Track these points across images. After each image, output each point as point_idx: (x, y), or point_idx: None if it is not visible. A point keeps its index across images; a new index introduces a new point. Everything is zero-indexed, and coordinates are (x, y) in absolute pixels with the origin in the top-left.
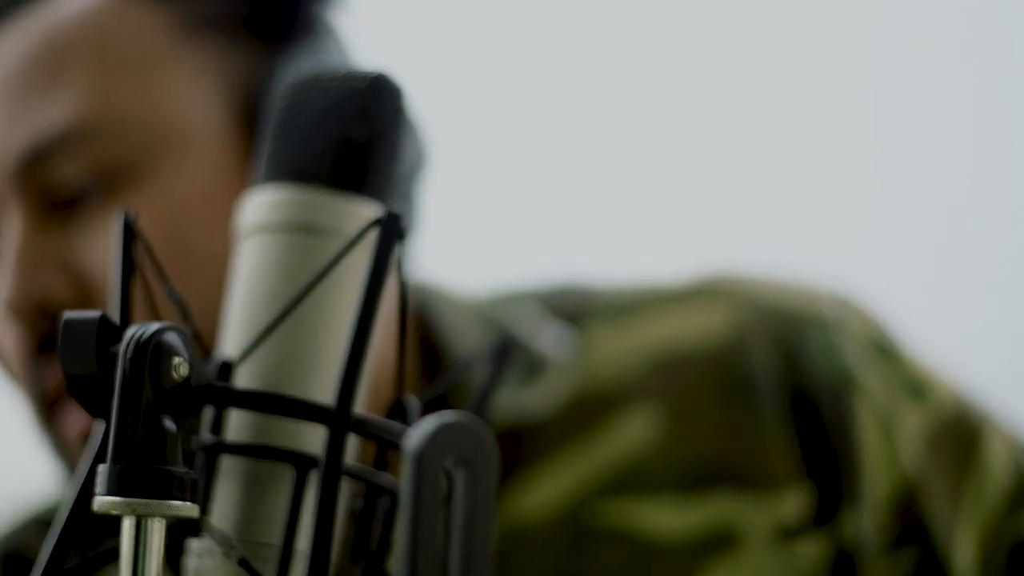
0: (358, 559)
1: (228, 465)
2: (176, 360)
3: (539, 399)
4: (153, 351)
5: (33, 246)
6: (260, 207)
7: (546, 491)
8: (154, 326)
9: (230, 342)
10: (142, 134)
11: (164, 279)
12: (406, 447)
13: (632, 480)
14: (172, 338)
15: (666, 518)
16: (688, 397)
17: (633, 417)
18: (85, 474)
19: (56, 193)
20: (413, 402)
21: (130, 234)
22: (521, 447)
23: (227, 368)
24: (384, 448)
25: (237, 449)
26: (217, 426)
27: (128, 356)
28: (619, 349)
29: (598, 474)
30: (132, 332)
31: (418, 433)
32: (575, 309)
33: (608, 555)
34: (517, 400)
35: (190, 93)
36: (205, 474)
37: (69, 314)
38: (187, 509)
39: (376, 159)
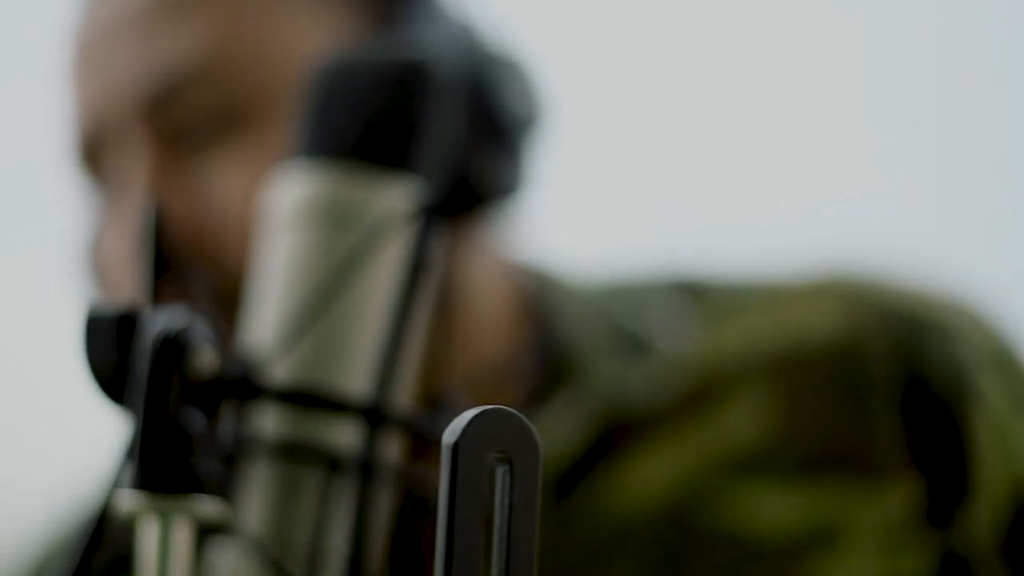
0: (400, 562)
1: (260, 462)
2: (203, 353)
3: (649, 389)
4: (179, 344)
5: (158, 184)
6: (293, 193)
7: (649, 480)
8: (180, 318)
9: (261, 333)
10: (268, 76)
11: (197, 273)
12: (443, 439)
13: (739, 470)
14: (199, 331)
15: (770, 509)
16: (801, 392)
17: (743, 409)
18: (112, 472)
19: (182, 130)
20: (457, 395)
21: (157, 227)
22: (626, 436)
23: (260, 362)
24: (423, 442)
25: (269, 447)
26: (247, 422)
27: (153, 350)
28: (734, 342)
29: (703, 464)
30: (158, 325)
31: (456, 424)
32: (691, 301)
33: (709, 549)
34: (628, 388)
35: (314, 40)
36: (236, 471)
37: (92, 308)
38: (214, 507)
39: (413, 139)
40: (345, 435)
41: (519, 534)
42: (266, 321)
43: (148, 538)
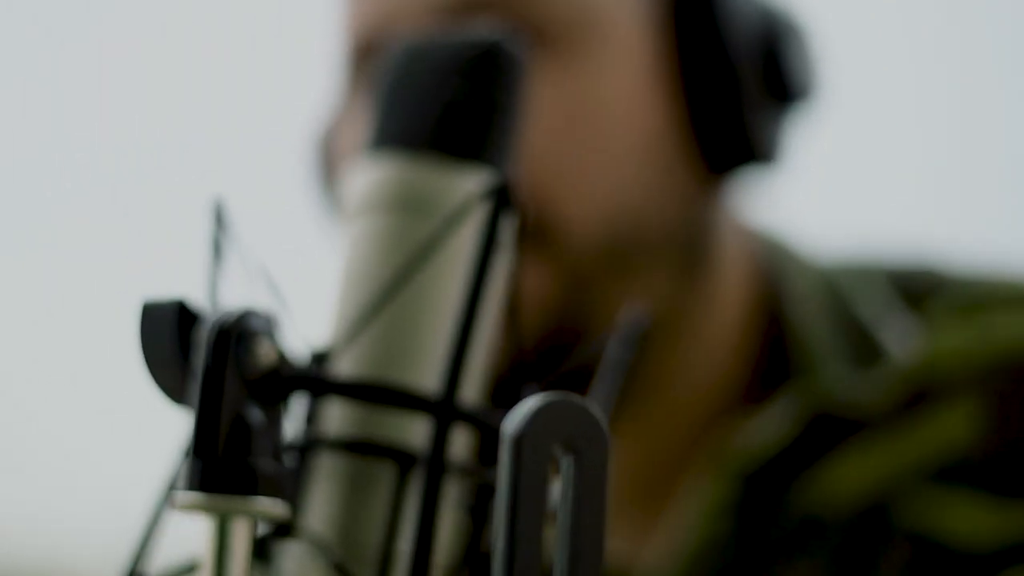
0: (468, 561)
1: (326, 461)
2: (263, 346)
3: (870, 392)
4: (238, 336)
5: None
6: (365, 181)
7: (851, 479)
8: (239, 309)
9: (333, 328)
10: (568, 7)
11: (258, 265)
12: (505, 429)
13: (943, 477)
14: (259, 322)
15: (970, 518)
16: (1014, 403)
17: (956, 416)
18: (171, 472)
19: None
20: (531, 389)
21: (220, 219)
22: (836, 432)
23: (324, 355)
24: (491, 439)
25: (333, 444)
26: (312, 419)
27: (211, 342)
28: (958, 343)
29: (909, 468)
30: (216, 317)
31: (518, 414)
32: (922, 292)
33: (903, 550)
34: (845, 385)
35: None
36: (299, 470)
37: (148, 300)
38: (275, 507)
39: (490, 125)
40: (416, 432)
41: (586, 529)
42: (336, 312)
43: (205, 540)
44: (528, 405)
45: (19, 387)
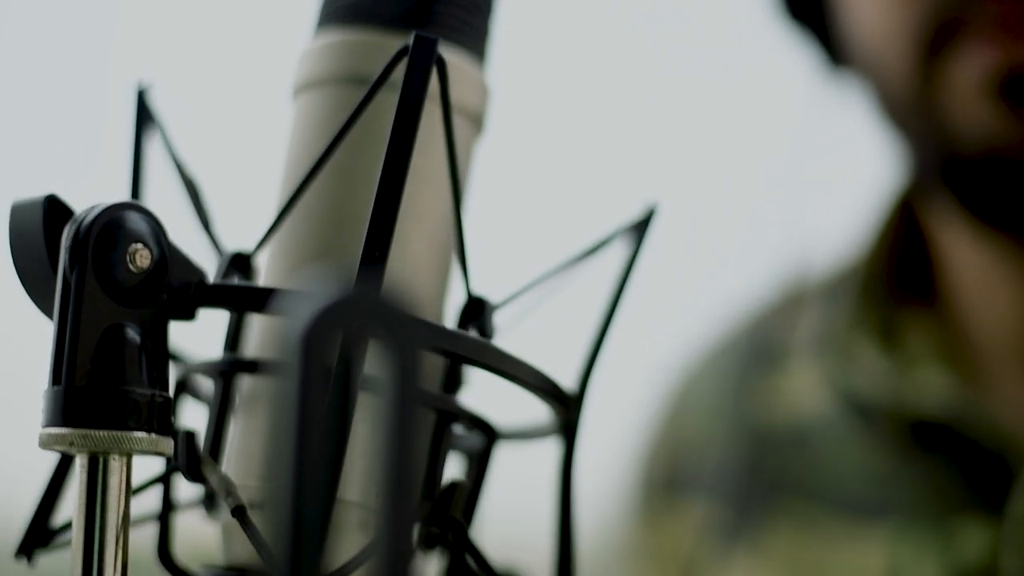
0: (424, 497)
1: (247, 387)
2: (134, 247)
3: None
4: (99, 237)
5: None
6: (305, 58)
7: None
8: (103, 205)
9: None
10: None
11: (174, 155)
12: (286, 326)
13: None
14: (130, 220)
15: None
16: None
17: None
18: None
19: None
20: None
21: (143, 108)
22: None
23: (242, 260)
24: (456, 364)
25: (251, 366)
26: (233, 339)
27: (67, 245)
28: None
29: None
30: (77, 215)
31: (303, 313)
32: None
33: None
34: None
35: None
36: (220, 400)
37: (16, 200)
38: (156, 443)
39: None
40: None
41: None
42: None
43: (79, 479)
44: (313, 304)
45: None
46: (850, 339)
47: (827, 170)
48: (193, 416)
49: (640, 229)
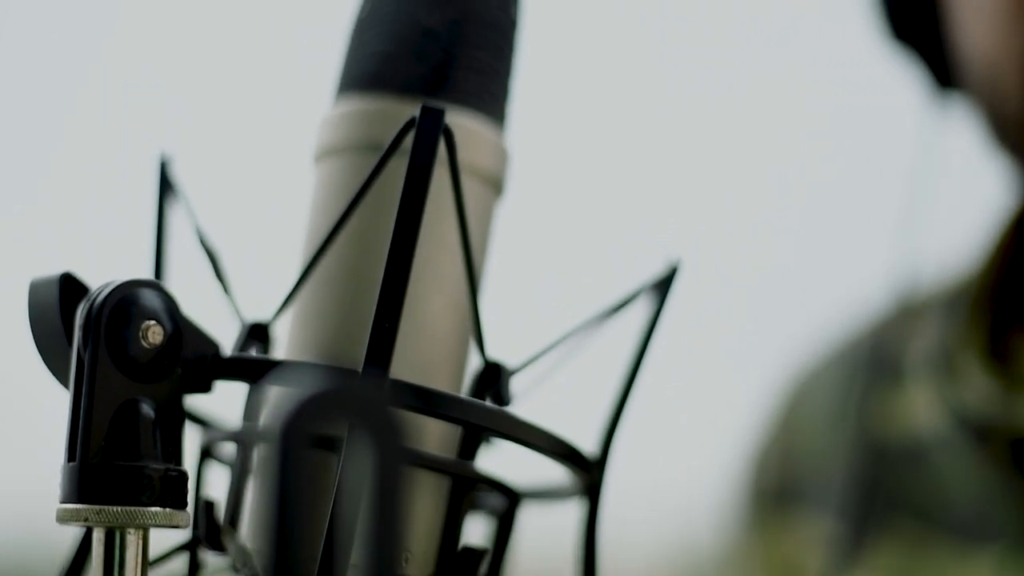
0: (443, 568)
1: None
2: (146, 324)
3: None
4: (111, 315)
5: None
6: (323, 125)
7: None
8: (115, 282)
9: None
10: None
11: (196, 225)
12: (270, 424)
13: None
14: (142, 296)
15: None
16: None
17: None
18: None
19: None
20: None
21: (165, 178)
22: None
23: (260, 329)
24: (474, 434)
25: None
26: (252, 408)
27: (80, 323)
28: None
29: None
30: (90, 293)
31: (285, 407)
32: None
33: None
34: None
35: None
36: (240, 467)
37: (34, 277)
38: (170, 516)
39: (465, 52)
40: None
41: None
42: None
43: (95, 553)
44: (295, 398)
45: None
46: (958, 358)
47: (940, 189)
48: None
49: (663, 286)
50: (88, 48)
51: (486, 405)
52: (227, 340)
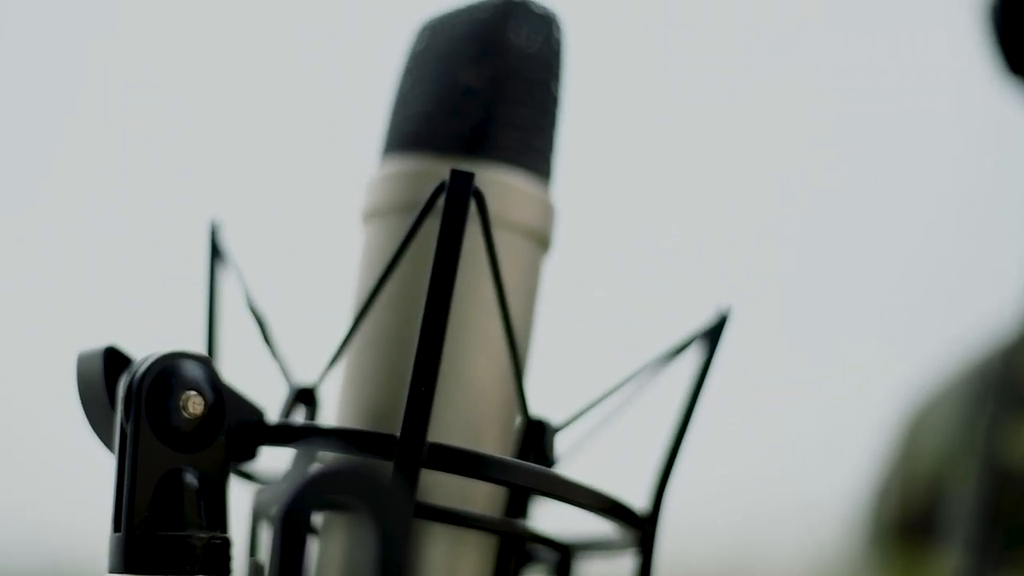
0: None
1: (329, 520)
2: (186, 395)
3: None
4: (151, 387)
5: None
6: (368, 187)
7: None
8: (155, 355)
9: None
10: None
11: (246, 290)
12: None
13: None
14: (182, 368)
15: None
16: None
17: None
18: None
19: None
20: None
21: (216, 245)
22: None
23: (306, 393)
24: (521, 492)
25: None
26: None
27: (122, 396)
28: None
29: None
30: (132, 365)
31: (288, 484)
32: None
33: None
34: None
35: None
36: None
37: (81, 350)
38: None
39: (505, 108)
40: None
41: None
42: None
43: None
44: (296, 481)
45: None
46: None
47: None
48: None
49: (713, 335)
50: (135, 118)
51: (528, 465)
52: (277, 403)
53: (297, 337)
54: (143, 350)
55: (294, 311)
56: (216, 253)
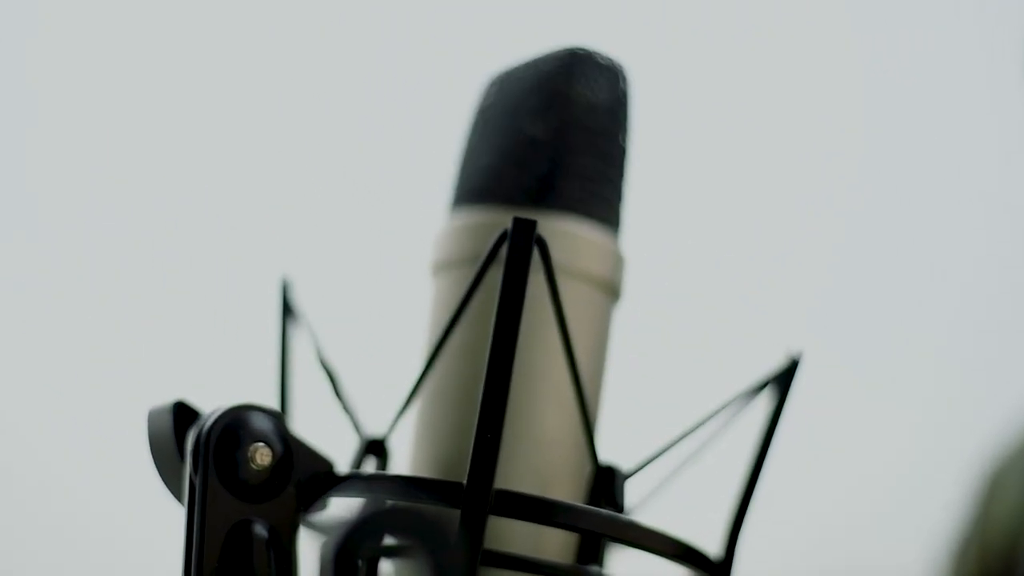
0: None
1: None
2: (254, 447)
3: None
4: (219, 440)
5: None
6: (436, 240)
7: None
8: (222, 408)
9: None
10: None
11: (317, 345)
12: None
13: None
14: (250, 420)
15: None
16: None
17: None
18: None
19: None
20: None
21: (287, 302)
22: None
23: (377, 444)
24: (592, 539)
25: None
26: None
27: (190, 449)
28: None
29: None
30: (200, 419)
31: (340, 525)
32: None
33: None
34: None
35: None
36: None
37: (152, 406)
38: None
39: (570, 159)
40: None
41: None
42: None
43: None
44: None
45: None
46: None
47: None
48: None
49: (784, 380)
50: (207, 171)
51: (599, 511)
52: (347, 455)
53: (368, 390)
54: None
55: (364, 364)
56: (287, 310)
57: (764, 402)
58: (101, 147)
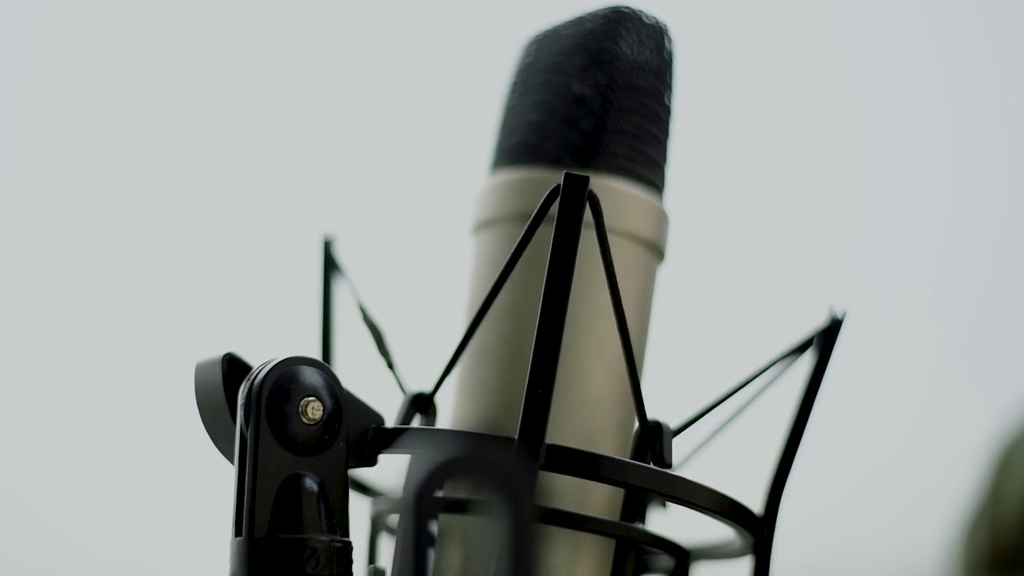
0: None
1: (448, 524)
2: (305, 400)
3: None
4: (271, 394)
5: None
6: (479, 197)
7: None
8: (273, 361)
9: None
10: None
11: (359, 302)
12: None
13: None
14: (301, 374)
15: None
16: None
17: None
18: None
19: None
20: (666, 427)
21: (329, 258)
22: None
23: (422, 400)
24: (636, 496)
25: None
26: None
27: (242, 402)
28: None
29: None
30: (251, 372)
31: (415, 474)
32: None
33: None
34: None
35: None
36: (403, 537)
37: (199, 360)
38: None
39: (616, 116)
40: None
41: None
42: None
43: None
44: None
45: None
46: None
47: None
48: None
49: (827, 338)
50: (250, 136)
51: (644, 466)
52: (392, 413)
53: (411, 347)
54: (257, 362)
55: (407, 321)
56: (330, 265)
57: (807, 360)
58: (156, 106)
